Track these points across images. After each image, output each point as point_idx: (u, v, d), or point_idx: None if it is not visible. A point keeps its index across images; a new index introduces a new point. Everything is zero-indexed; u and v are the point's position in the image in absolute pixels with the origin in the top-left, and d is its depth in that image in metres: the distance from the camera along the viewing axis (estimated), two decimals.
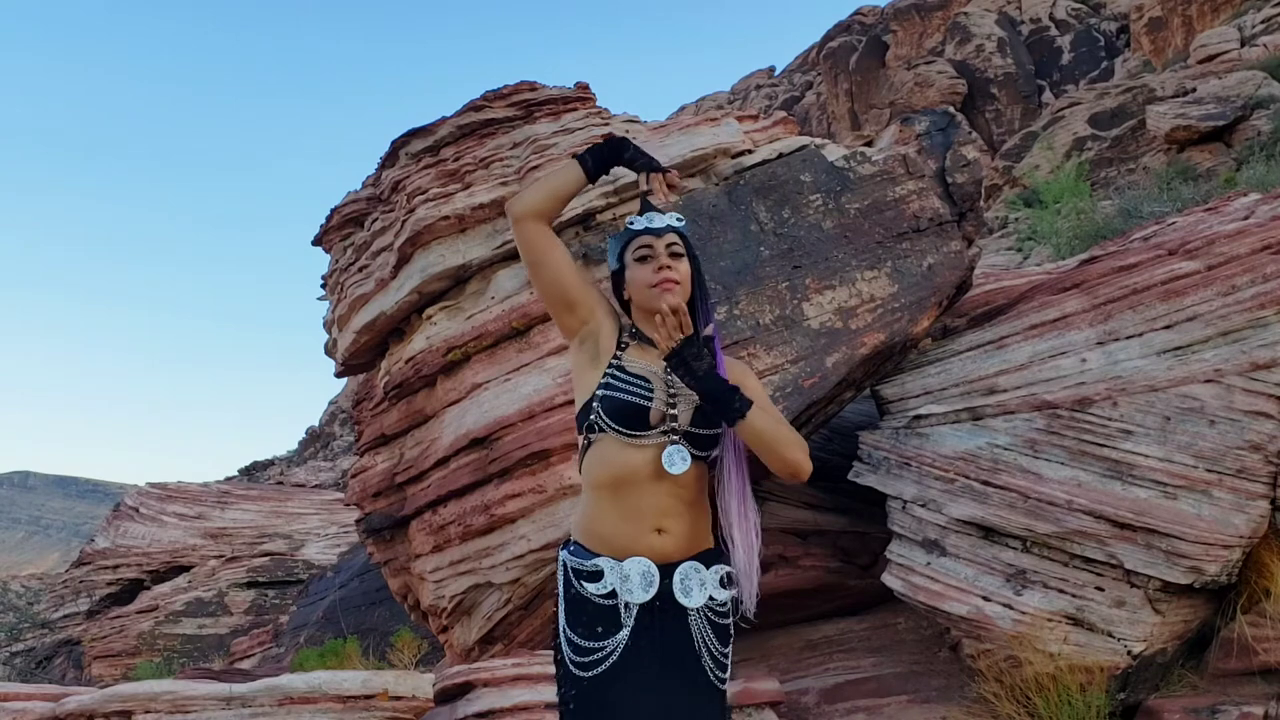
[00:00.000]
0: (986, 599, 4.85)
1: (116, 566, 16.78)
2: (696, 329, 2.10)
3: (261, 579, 15.58)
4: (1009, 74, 33.28)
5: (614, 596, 1.97)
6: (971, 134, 28.98)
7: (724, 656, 2.04)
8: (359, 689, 4.21)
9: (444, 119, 6.85)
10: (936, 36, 37.21)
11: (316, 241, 7.92)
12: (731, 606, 2.07)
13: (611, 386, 2.05)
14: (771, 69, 51.89)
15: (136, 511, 17.75)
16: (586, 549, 2.03)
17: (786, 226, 6.13)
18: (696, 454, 2.04)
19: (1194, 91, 19.45)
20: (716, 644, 2.03)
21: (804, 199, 6.24)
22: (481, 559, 5.63)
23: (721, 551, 2.10)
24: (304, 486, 23.59)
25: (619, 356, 2.10)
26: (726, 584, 2.06)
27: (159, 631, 14.68)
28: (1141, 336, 5.17)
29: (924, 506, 5.24)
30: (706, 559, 2.06)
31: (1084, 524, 4.64)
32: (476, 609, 5.80)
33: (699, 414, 2.05)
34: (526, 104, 6.84)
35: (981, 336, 5.84)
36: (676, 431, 2.03)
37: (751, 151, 6.53)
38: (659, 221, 2.16)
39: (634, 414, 2.02)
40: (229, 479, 29.51)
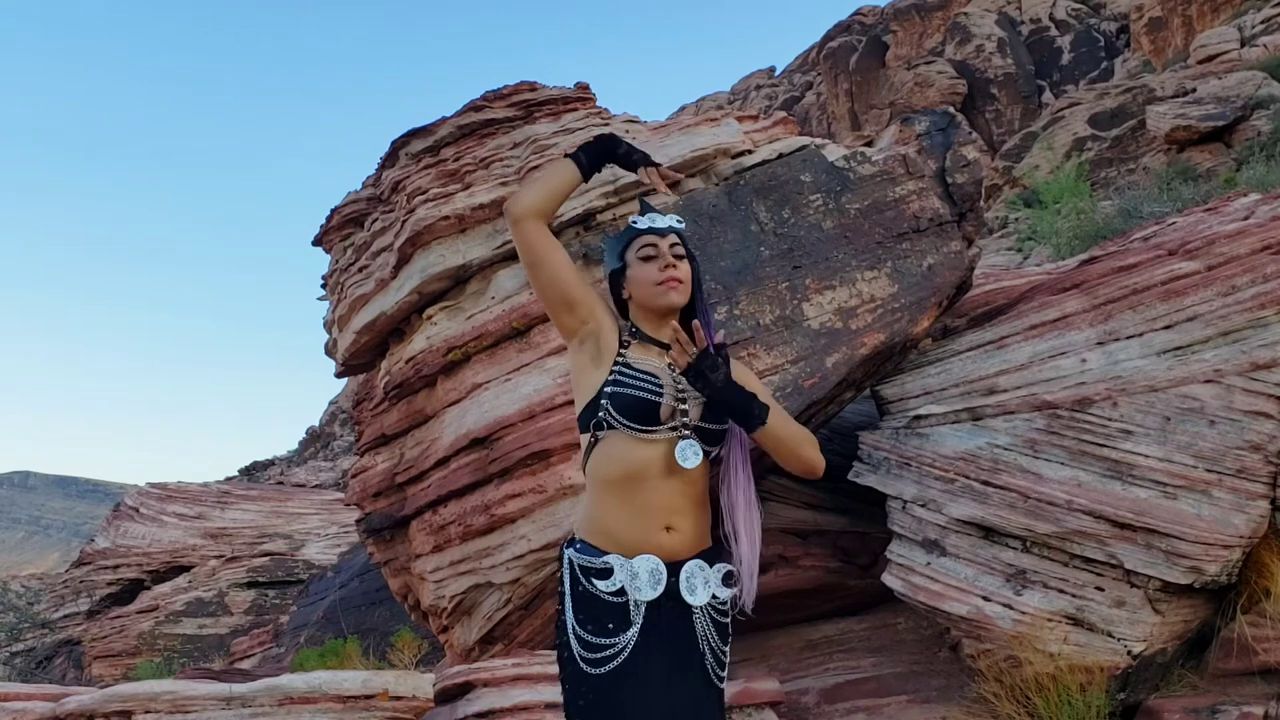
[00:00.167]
0: (986, 599, 4.85)
1: (116, 566, 16.79)
2: (708, 337, 2.12)
3: (262, 579, 15.58)
4: (1009, 74, 33.29)
5: (622, 594, 1.98)
6: (971, 134, 28.97)
7: (724, 655, 2.07)
8: (359, 689, 4.21)
9: (444, 119, 6.85)
10: (936, 36, 37.22)
11: (316, 241, 7.92)
12: (730, 605, 2.10)
13: (620, 383, 2.05)
14: (771, 69, 51.90)
15: (136, 511, 17.75)
16: (594, 546, 2.03)
17: (786, 226, 6.13)
18: (706, 449, 2.07)
19: (1194, 92, 19.45)
20: (718, 642, 2.05)
21: (804, 199, 6.24)
22: (481, 559, 5.63)
23: (721, 550, 2.12)
24: (304, 486, 23.59)
25: (623, 355, 2.11)
26: (727, 582, 2.09)
27: (159, 631, 14.68)
28: (1141, 336, 5.17)
29: (924, 506, 5.24)
30: (709, 557, 2.08)
31: (1084, 524, 4.64)
32: (477, 609, 5.80)
33: (708, 409, 2.08)
34: (526, 104, 6.84)
35: (981, 336, 5.84)
36: (687, 426, 2.05)
37: (751, 151, 6.53)
38: (661, 222, 2.19)
39: (645, 410, 2.03)
40: (229, 479, 29.51)
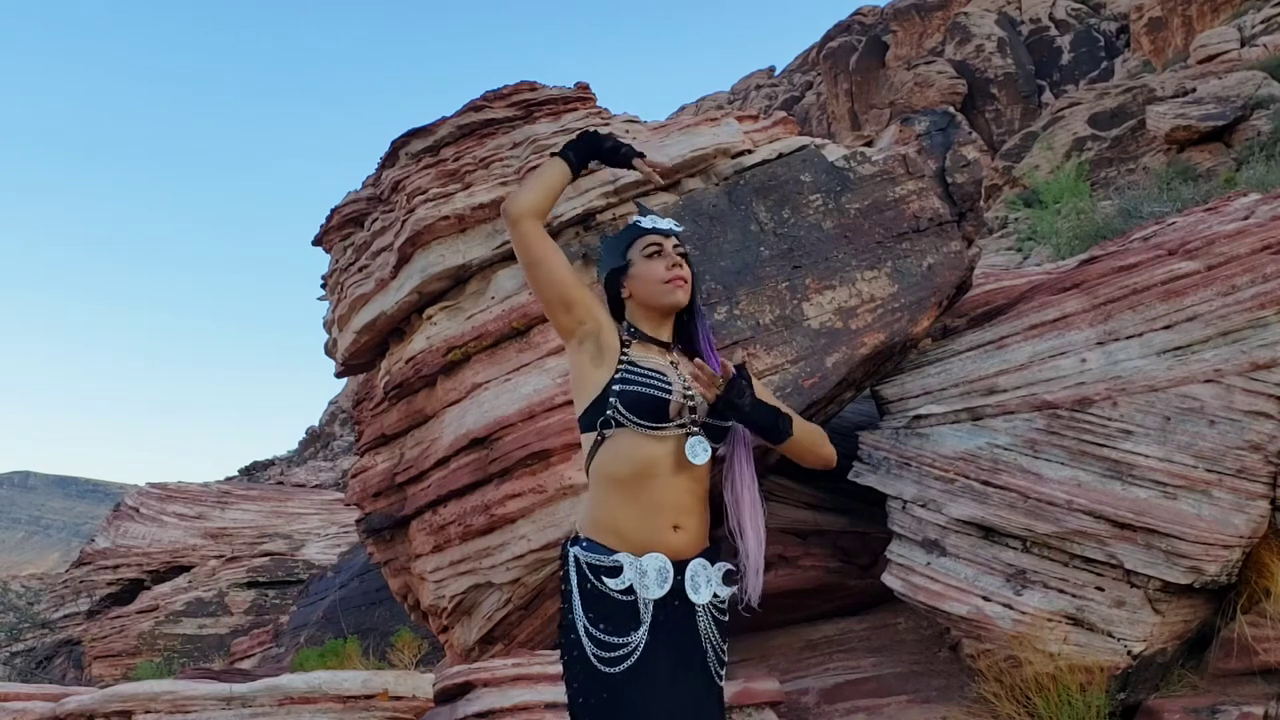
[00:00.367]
0: (986, 599, 4.85)
1: (116, 566, 16.79)
2: (708, 348, 2.20)
3: (262, 579, 15.59)
4: (1009, 74, 33.29)
5: (631, 593, 1.99)
6: (971, 134, 28.98)
7: (724, 653, 2.09)
8: (359, 689, 4.21)
9: (444, 119, 6.85)
10: (936, 36, 37.22)
11: (316, 241, 7.92)
12: (729, 603, 2.12)
13: (628, 381, 2.06)
14: (771, 69, 51.89)
15: (137, 511, 17.75)
16: (601, 544, 2.03)
17: (786, 226, 6.13)
18: (713, 445, 2.09)
19: (1194, 91, 19.45)
20: (719, 640, 2.07)
21: (804, 199, 6.24)
22: (481, 559, 5.63)
23: (719, 549, 2.14)
24: (304, 486, 23.59)
25: (626, 353, 2.12)
26: (727, 581, 2.10)
27: (159, 631, 14.68)
28: (1141, 336, 5.17)
29: (924, 506, 5.24)
30: (709, 556, 2.10)
31: (1084, 524, 4.64)
32: (476, 609, 5.80)
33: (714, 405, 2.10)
34: (526, 104, 6.84)
35: (981, 336, 5.84)
36: (696, 423, 2.07)
37: (751, 151, 6.53)
38: (664, 223, 2.23)
39: (655, 407, 2.04)
40: (229, 479, 29.50)
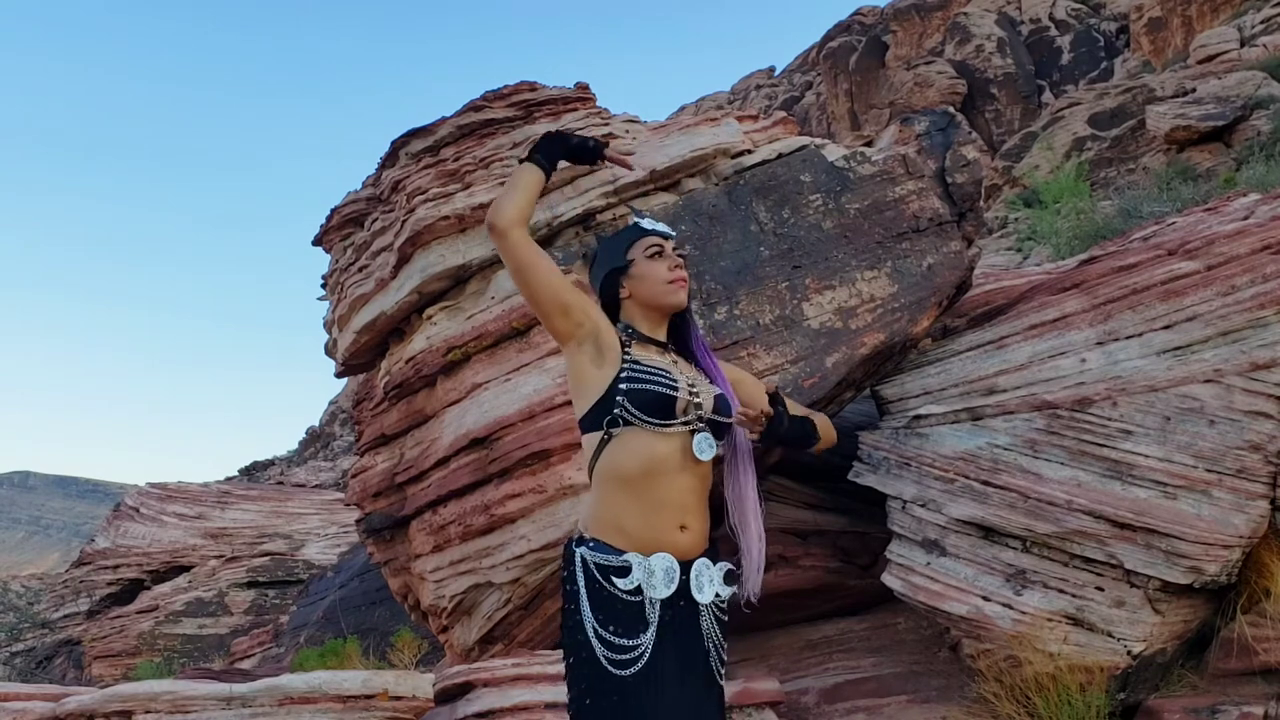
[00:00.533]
0: (986, 599, 4.85)
1: (116, 566, 16.79)
2: (701, 351, 2.27)
3: (262, 579, 15.59)
4: (1009, 74, 33.29)
5: (638, 593, 1.99)
6: (971, 134, 28.97)
7: (725, 652, 2.10)
8: (359, 689, 4.21)
9: (444, 119, 6.85)
10: (936, 37, 37.22)
11: (316, 241, 7.92)
12: (730, 603, 2.14)
13: (635, 379, 2.07)
14: (771, 69, 51.89)
15: (137, 511, 17.75)
16: (609, 545, 2.03)
17: (786, 226, 6.13)
18: (718, 441, 2.12)
19: (1194, 91, 19.46)
20: (720, 640, 2.09)
21: (804, 199, 6.24)
22: (481, 559, 5.63)
23: (719, 549, 2.15)
24: (304, 486, 23.59)
25: (629, 353, 2.13)
26: (728, 580, 2.11)
27: (159, 631, 14.68)
28: (1141, 336, 5.17)
29: (924, 506, 5.24)
30: (711, 555, 2.11)
31: (1084, 524, 4.64)
32: (476, 609, 5.80)
33: (720, 400, 2.13)
34: (526, 104, 6.84)
35: (981, 336, 5.84)
36: (702, 419, 2.09)
37: (751, 151, 6.53)
38: (663, 226, 2.26)
39: (662, 404, 2.06)
40: (229, 479, 29.50)
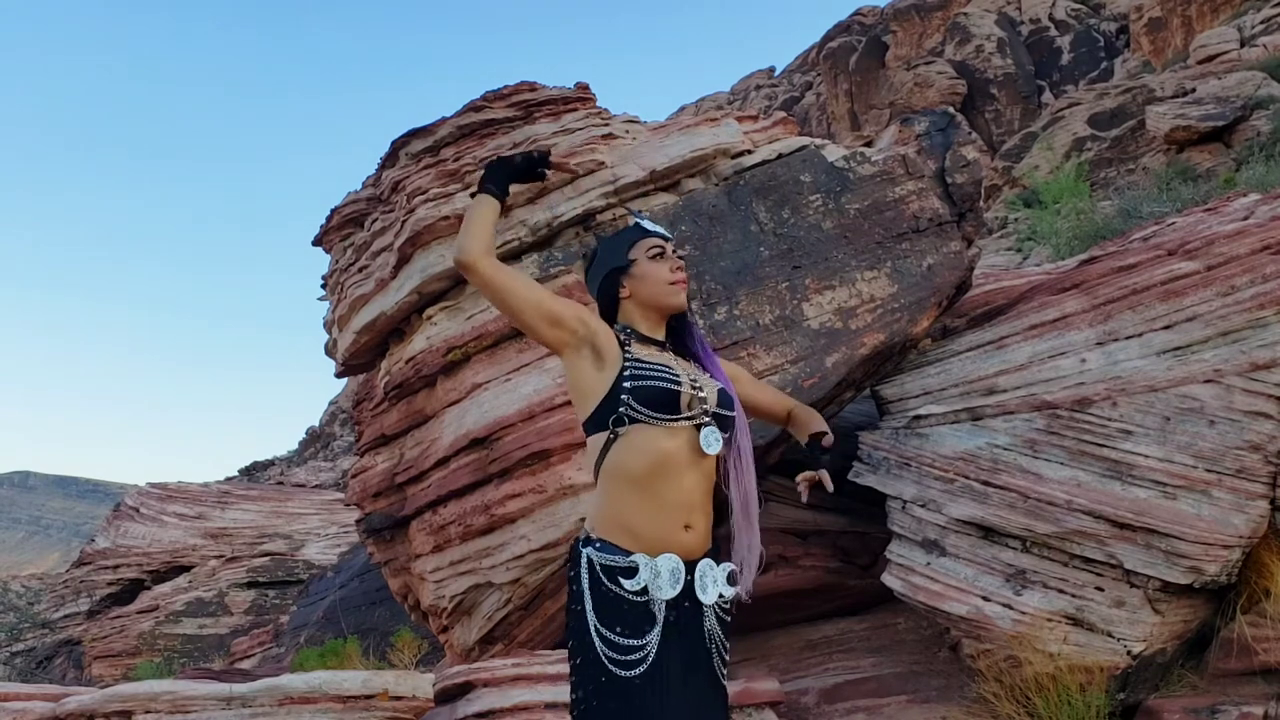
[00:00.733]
0: (986, 599, 4.85)
1: (117, 566, 16.79)
2: (712, 363, 2.29)
3: (262, 579, 15.59)
4: (1009, 74, 33.29)
5: (644, 593, 1.99)
6: (971, 134, 28.97)
7: (728, 653, 2.11)
8: (359, 689, 4.21)
9: (444, 119, 6.85)
10: (936, 37, 37.22)
11: (316, 242, 7.92)
12: (733, 604, 2.14)
13: (639, 376, 2.07)
14: (771, 69, 51.89)
15: (137, 511, 17.75)
16: (615, 545, 2.03)
17: (786, 227, 6.13)
18: (724, 434, 2.12)
19: (1193, 92, 19.45)
20: (723, 640, 2.09)
21: (804, 199, 6.24)
22: (481, 559, 5.63)
23: (722, 549, 2.15)
24: (304, 486, 23.59)
25: (629, 352, 2.13)
26: (730, 581, 2.12)
27: (159, 631, 14.69)
28: (1141, 337, 5.18)
29: (924, 506, 5.24)
30: (714, 556, 2.11)
31: (1084, 524, 4.64)
32: (477, 609, 5.80)
33: (722, 395, 2.14)
34: (526, 104, 6.84)
35: (981, 337, 5.85)
36: (707, 413, 2.09)
37: (751, 152, 6.53)
38: (664, 229, 2.28)
39: (668, 399, 2.06)
40: (229, 479, 29.50)
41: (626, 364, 2.09)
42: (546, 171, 2.22)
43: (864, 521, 6.39)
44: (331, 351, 7.57)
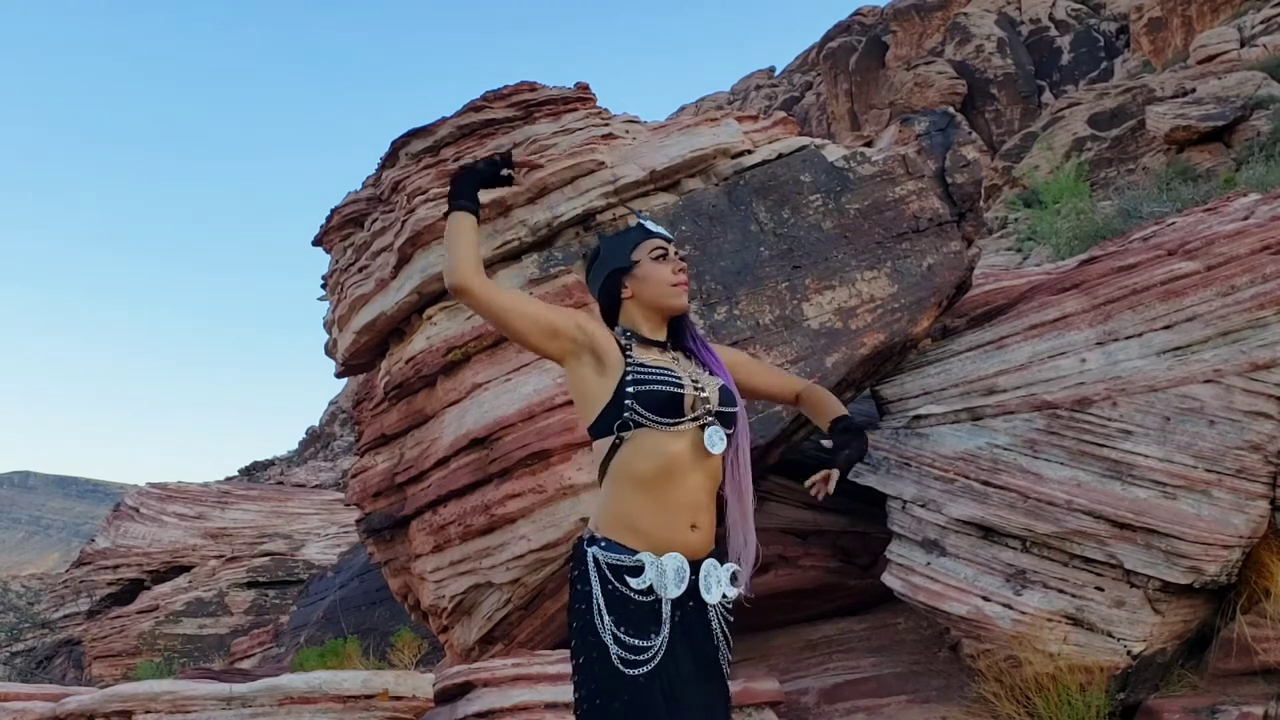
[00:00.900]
0: (986, 599, 4.85)
1: (117, 566, 16.79)
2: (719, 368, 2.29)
3: (262, 579, 15.59)
4: (1009, 74, 33.29)
5: (650, 593, 2.00)
6: (971, 134, 28.98)
7: (731, 652, 2.13)
8: (359, 689, 4.22)
9: (444, 119, 6.85)
10: (936, 37, 37.22)
11: (316, 242, 7.92)
12: (735, 604, 2.16)
13: (641, 381, 2.08)
14: (771, 69, 51.88)
15: (137, 511, 17.76)
16: (621, 545, 2.04)
17: (786, 226, 6.13)
18: (728, 432, 2.13)
19: (1193, 92, 19.46)
20: (728, 640, 2.11)
21: (804, 199, 6.24)
22: (481, 559, 5.63)
23: (725, 549, 2.17)
24: (304, 486, 23.59)
25: (631, 356, 2.13)
26: (733, 582, 2.13)
27: (159, 631, 14.69)
28: (1141, 337, 5.18)
29: (924, 506, 5.24)
30: (718, 556, 2.13)
31: (1084, 524, 4.64)
32: (477, 609, 5.81)
33: (724, 392, 2.15)
34: (526, 104, 6.84)
35: (981, 337, 5.85)
36: (710, 413, 2.10)
37: (751, 152, 6.53)
38: (665, 230, 2.28)
39: (671, 402, 2.07)
40: (229, 479, 29.49)
41: (629, 369, 2.10)
42: (512, 174, 2.19)
43: (864, 521, 6.39)
44: (331, 351, 7.57)
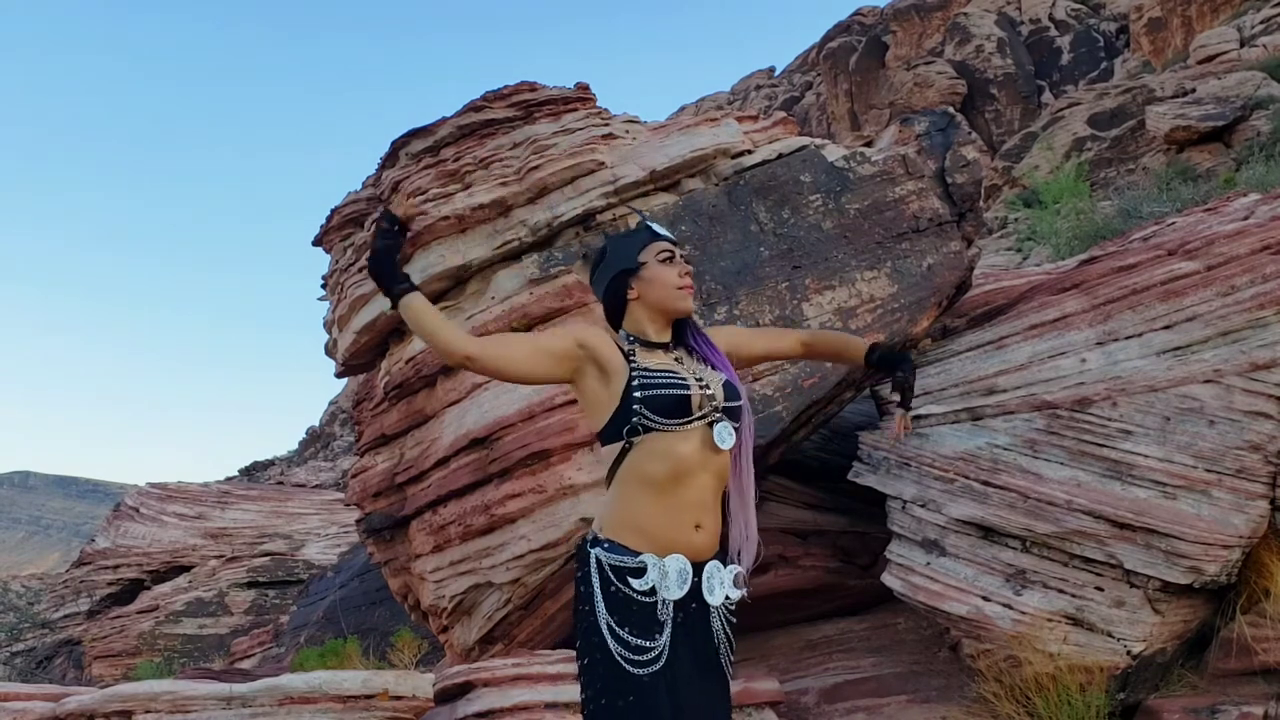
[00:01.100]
0: (986, 599, 4.85)
1: (117, 566, 16.79)
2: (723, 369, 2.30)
3: (262, 579, 15.59)
4: (1009, 74, 33.30)
5: (653, 594, 2.01)
6: (971, 134, 28.98)
7: (733, 654, 2.13)
8: (359, 689, 4.22)
9: (444, 119, 6.85)
10: (936, 37, 37.22)
11: (317, 242, 7.92)
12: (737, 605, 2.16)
13: (648, 386, 2.08)
14: (771, 69, 51.89)
15: (137, 511, 17.75)
16: (625, 546, 2.05)
17: (786, 227, 6.14)
18: (735, 426, 2.14)
19: (1193, 92, 19.47)
20: (730, 641, 2.11)
21: (804, 199, 6.24)
22: (481, 559, 5.63)
23: (727, 551, 2.17)
24: (304, 486, 23.59)
25: (634, 362, 2.14)
26: (736, 584, 2.14)
27: (159, 631, 14.69)
28: (1141, 337, 5.18)
29: (924, 506, 5.24)
30: (721, 558, 2.13)
31: (1084, 524, 4.64)
32: (476, 609, 5.81)
33: (727, 386, 2.16)
34: (526, 104, 6.84)
35: (981, 337, 5.85)
36: (717, 410, 2.11)
37: (751, 152, 6.53)
38: (670, 233, 2.30)
39: (678, 404, 2.08)
40: (229, 479, 29.49)
41: (634, 374, 2.10)
42: (406, 226, 2.14)
43: (864, 521, 6.39)
44: (331, 351, 7.57)
